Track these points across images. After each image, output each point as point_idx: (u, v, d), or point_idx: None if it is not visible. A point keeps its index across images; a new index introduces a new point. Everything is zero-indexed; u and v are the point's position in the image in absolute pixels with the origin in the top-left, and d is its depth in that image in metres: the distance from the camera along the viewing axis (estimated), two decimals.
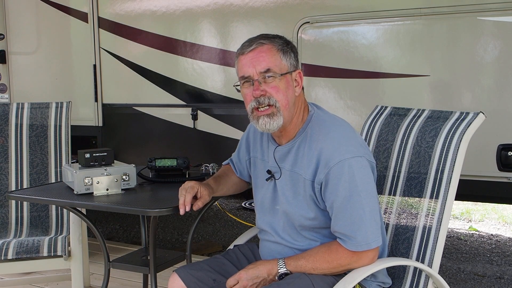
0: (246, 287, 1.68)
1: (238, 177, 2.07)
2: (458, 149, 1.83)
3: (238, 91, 1.76)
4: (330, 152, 1.64)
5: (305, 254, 1.69)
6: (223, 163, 2.15)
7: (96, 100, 4.11)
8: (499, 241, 4.48)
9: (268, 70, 1.67)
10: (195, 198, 1.83)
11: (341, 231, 1.63)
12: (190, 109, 3.76)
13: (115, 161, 2.28)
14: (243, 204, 5.50)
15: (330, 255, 1.65)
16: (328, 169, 1.63)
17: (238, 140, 2.07)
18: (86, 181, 2.13)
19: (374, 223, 1.63)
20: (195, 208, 1.82)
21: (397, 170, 1.98)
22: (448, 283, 1.83)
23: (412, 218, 1.90)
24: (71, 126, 3.08)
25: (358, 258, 1.63)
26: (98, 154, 2.22)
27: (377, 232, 1.64)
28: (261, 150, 1.88)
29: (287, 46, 1.73)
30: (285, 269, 1.67)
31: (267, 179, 1.81)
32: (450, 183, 1.82)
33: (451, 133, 1.86)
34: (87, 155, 2.21)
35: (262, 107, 1.68)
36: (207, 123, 3.73)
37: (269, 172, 1.80)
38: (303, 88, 1.76)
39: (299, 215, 1.72)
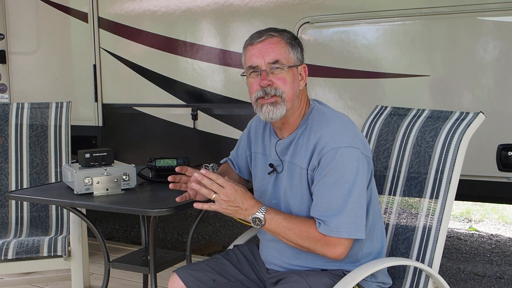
0: (219, 203, 1.64)
1: (237, 174, 2.07)
2: (458, 149, 1.83)
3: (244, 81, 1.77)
4: (326, 140, 1.65)
5: (287, 214, 1.69)
6: (221, 161, 2.15)
7: (96, 100, 4.10)
8: (499, 241, 4.48)
9: (276, 61, 1.70)
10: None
11: (317, 216, 1.63)
12: (190, 109, 3.76)
13: (115, 161, 2.28)
14: None
15: (305, 225, 1.64)
16: (321, 155, 1.64)
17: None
18: (86, 181, 2.13)
19: (353, 216, 1.61)
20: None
21: (397, 170, 1.98)
22: (448, 283, 1.83)
23: (412, 218, 1.90)
24: (71, 126, 3.08)
25: (325, 244, 1.62)
26: (98, 154, 2.22)
27: (354, 225, 1.61)
28: (262, 145, 1.89)
29: (294, 41, 1.76)
30: (262, 215, 1.65)
31: (269, 173, 1.80)
32: (450, 183, 1.83)
33: (451, 133, 1.86)
34: (87, 155, 2.21)
35: (268, 97, 1.70)
36: (207, 123, 3.73)
37: (271, 165, 1.80)
38: (306, 83, 1.78)
39: (296, 207, 1.72)
